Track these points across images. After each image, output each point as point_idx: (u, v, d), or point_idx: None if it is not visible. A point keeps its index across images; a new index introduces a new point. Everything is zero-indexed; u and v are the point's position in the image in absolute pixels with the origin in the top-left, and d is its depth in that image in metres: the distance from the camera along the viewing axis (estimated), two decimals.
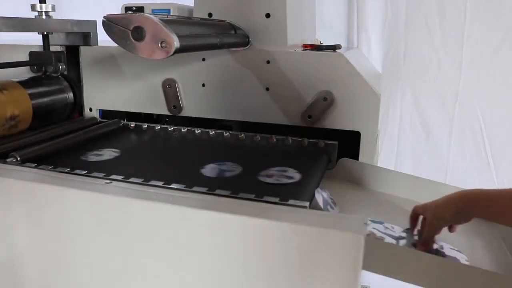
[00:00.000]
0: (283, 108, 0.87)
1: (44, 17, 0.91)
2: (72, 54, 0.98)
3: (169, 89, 0.93)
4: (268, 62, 0.86)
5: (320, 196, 0.65)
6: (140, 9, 0.96)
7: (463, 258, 0.60)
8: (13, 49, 1.00)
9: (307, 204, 0.57)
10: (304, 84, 0.85)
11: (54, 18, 0.92)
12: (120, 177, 0.63)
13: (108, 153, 0.79)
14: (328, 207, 0.65)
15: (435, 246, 0.61)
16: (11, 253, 0.64)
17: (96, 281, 0.60)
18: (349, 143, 0.84)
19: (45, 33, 0.92)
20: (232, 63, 0.88)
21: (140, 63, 0.94)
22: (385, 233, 0.62)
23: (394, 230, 0.64)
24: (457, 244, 0.64)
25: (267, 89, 0.87)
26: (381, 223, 0.66)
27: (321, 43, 1.03)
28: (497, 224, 0.71)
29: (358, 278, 0.48)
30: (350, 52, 0.96)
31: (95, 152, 0.80)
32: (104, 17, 0.60)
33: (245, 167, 0.74)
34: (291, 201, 0.57)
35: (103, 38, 0.76)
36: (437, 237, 0.61)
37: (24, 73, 0.97)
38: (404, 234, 0.64)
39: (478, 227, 0.72)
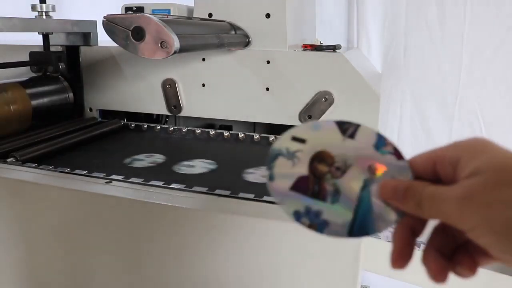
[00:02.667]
0: (283, 108, 0.87)
1: (44, 17, 0.91)
2: (72, 54, 0.98)
3: (169, 89, 0.93)
4: (268, 62, 0.86)
5: None
6: (140, 9, 0.96)
7: None
8: (13, 49, 1.00)
9: None
10: (304, 84, 0.85)
11: (54, 18, 0.92)
12: (120, 177, 0.63)
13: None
14: None
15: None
16: (10, 253, 0.64)
17: (96, 281, 0.60)
18: None
19: (45, 33, 0.92)
20: (232, 63, 0.88)
21: (140, 63, 0.94)
22: None
23: None
24: None
25: (267, 89, 0.87)
26: None
27: (321, 43, 1.03)
28: None
29: (358, 278, 0.48)
30: (350, 52, 0.96)
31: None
32: (104, 17, 0.60)
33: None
34: None
35: (103, 38, 0.76)
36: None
37: (24, 73, 0.97)
38: None
39: None
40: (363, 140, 0.29)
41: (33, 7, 0.90)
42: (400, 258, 0.28)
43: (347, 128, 0.30)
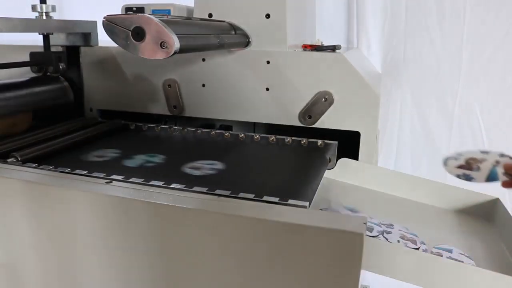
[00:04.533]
0: (283, 108, 0.87)
1: (44, 17, 0.91)
2: (72, 54, 0.98)
3: (170, 89, 0.94)
4: (268, 62, 0.86)
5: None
6: (140, 9, 0.96)
7: (470, 264, 0.60)
8: (14, 49, 1.00)
9: (307, 204, 0.58)
10: (304, 84, 0.85)
11: (54, 18, 0.93)
12: (120, 177, 0.63)
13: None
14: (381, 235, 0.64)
15: (443, 250, 0.61)
16: (11, 253, 0.64)
17: (96, 280, 0.60)
18: (349, 143, 0.85)
19: (46, 33, 0.92)
20: (232, 63, 0.88)
21: (141, 63, 0.94)
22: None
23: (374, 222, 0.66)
24: (456, 244, 0.64)
25: (267, 89, 0.87)
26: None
27: (322, 43, 1.03)
28: (497, 223, 0.71)
29: (358, 278, 0.48)
30: (350, 52, 0.96)
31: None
32: (105, 17, 0.60)
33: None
34: (291, 201, 0.58)
35: (103, 38, 0.76)
36: (445, 240, 0.61)
37: (25, 73, 0.97)
38: (390, 229, 0.65)
39: (478, 227, 0.72)
40: (494, 152, 0.56)
41: (34, 8, 0.90)
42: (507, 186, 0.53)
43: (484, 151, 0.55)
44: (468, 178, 0.54)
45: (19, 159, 0.70)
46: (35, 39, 0.96)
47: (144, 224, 0.55)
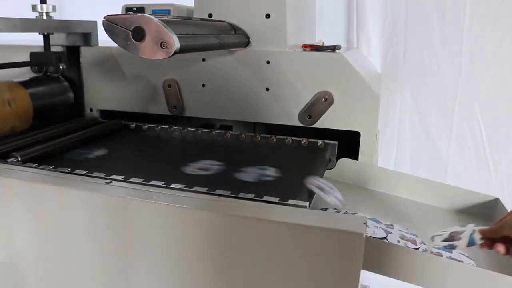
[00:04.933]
0: (283, 108, 0.87)
1: (44, 17, 0.91)
2: (72, 54, 0.98)
3: (170, 89, 0.94)
4: (268, 62, 0.86)
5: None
6: (140, 9, 0.96)
7: (470, 264, 0.60)
8: (14, 49, 1.00)
9: (307, 204, 0.58)
10: (304, 84, 0.85)
11: (54, 18, 0.93)
12: (120, 177, 0.63)
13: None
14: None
15: (443, 250, 0.61)
16: (11, 252, 0.64)
17: (95, 280, 0.60)
18: (349, 143, 0.85)
19: (46, 33, 0.92)
20: (232, 63, 0.88)
21: (141, 63, 0.94)
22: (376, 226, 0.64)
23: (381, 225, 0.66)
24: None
25: (267, 89, 0.87)
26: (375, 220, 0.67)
27: (323, 44, 1.03)
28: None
29: (358, 278, 0.48)
30: (350, 52, 0.96)
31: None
32: (105, 17, 0.60)
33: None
34: (291, 201, 0.58)
35: (104, 38, 0.76)
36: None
37: (25, 73, 0.97)
38: (390, 229, 0.65)
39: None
40: (470, 225, 0.59)
41: (34, 8, 0.90)
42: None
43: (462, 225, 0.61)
44: (452, 246, 0.58)
45: (19, 159, 0.70)
46: (35, 39, 0.96)
47: (144, 224, 0.55)
